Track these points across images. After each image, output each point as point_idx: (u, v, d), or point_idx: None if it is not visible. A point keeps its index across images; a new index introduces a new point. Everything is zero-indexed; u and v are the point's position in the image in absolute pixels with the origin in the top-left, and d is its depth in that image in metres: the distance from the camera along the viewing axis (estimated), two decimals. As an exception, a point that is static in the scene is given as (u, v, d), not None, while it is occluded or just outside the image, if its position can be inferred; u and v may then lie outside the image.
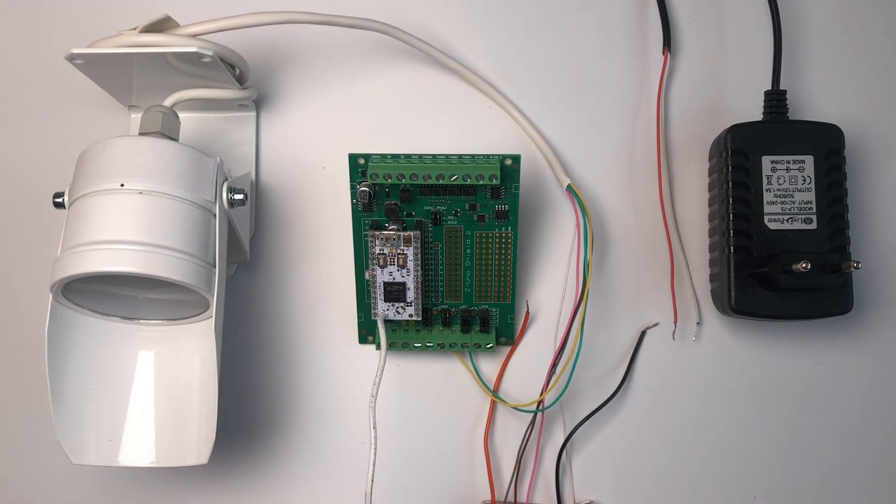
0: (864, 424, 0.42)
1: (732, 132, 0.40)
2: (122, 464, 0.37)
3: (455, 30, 0.45)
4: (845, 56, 0.44)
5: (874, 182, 0.43)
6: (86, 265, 0.33)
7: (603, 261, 0.42)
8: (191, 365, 0.38)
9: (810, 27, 0.44)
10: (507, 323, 0.42)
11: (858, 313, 0.42)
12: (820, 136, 0.40)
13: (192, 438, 0.37)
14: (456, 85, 0.44)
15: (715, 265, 0.41)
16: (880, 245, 0.42)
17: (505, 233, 0.39)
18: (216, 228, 0.36)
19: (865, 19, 0.44)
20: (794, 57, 0.44)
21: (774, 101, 0.41)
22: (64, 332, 0.36)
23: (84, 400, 0.37)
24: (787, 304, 0.39)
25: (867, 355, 0.42)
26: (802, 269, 0.37)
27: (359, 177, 0.38)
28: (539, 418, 0.41)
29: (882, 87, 0.44)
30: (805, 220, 0.39)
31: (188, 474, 0.42)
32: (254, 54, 0.43)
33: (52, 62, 0.42)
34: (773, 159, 0.39)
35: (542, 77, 0.44)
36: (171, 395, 0.38)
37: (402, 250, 0.39)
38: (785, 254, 0.38)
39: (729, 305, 0.39)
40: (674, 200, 0.43)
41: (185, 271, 0.34)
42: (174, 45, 0.36)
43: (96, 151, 0.35)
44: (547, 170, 0.43)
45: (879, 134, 0.43)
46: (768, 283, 0.39)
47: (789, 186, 0.39)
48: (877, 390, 0.42)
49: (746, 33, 0.44)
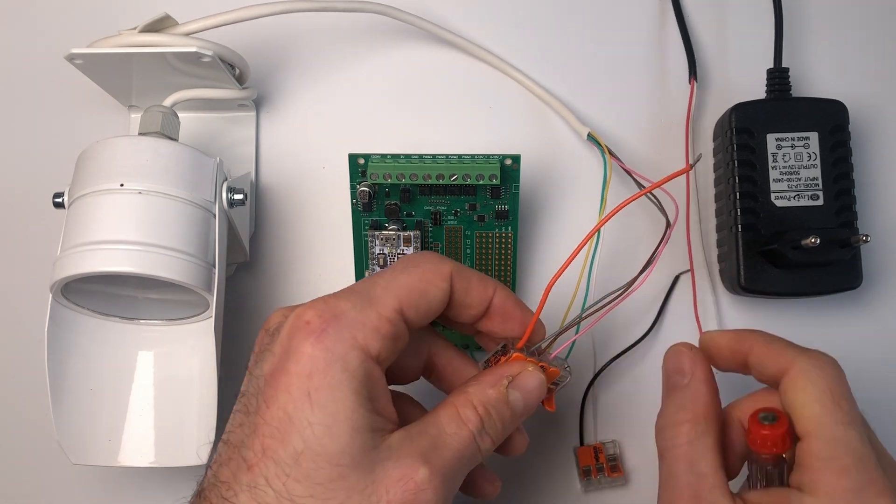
0: (875, 398, 0.41)
1: (736, 111, 0.40)
2: (121, 464, 0.37)
3: (453, 7, 0.45)
4: (847, 32, 0.44)
5: (880, 156, 0.43)
6: (86, 265, 0.33)
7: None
8: (191, 365, 0.38)
9: (811, 3, 0.44)
10: (507, 323, 0.41)
11: (868, 288, 0.41)
12: (824, 112, 0.40)
13: (192, 438, 0.37)
14: (456, 59, 0.44)
15: (723, 244, 0.41)
16: (888, 219, 0.42)
17: (505, 233, 0.39)
18: (216, 228, 0.36)
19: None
20: (795, 34, 0.44)
21: (777, 79, 0.41)
22: (64, 332, 0.36)
23: (84, 400, 0.37)
24: (796, 281, 0.39)
25: (878, 329, 0.42)
26: (812, 244, 0.37)
27: (359, 177, 0.38)
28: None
29: (884, 62, 0.44)
30: (812, 197, 0.39)
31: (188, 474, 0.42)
32: (253, 54, 0.43)
33: (52, 62, 0.42)
34: (778, 137, 0.39)
35: (550, 45, 0.44)
36: (171, 395, 0.38)
37: (402, 250, 0.39)
38: (793, 230, 0.38)
39: (738, 284, 0.39)
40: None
41: (185, 271, 0.34)
42: (174, 45, 0.36)
43: (96, 151, 0.35)
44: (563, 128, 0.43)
45: (883, 108, 0.43)
46: (777, 260, 0.39)
47: (795, 163, 0.39)
48: (889, 363, 0.42)
49: (747, 11, 0.44)
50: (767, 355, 0.31)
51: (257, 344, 0.30)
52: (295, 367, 0.27)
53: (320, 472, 0.26)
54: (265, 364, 0.28)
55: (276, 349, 0.28)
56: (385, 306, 0.29)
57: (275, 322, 0.30)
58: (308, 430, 0.26)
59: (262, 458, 0.27)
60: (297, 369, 0.27)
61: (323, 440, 0.26)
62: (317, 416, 0.26)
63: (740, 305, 0.42)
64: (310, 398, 0.27)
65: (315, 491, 0.26)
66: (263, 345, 0.29)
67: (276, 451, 0.26)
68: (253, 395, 0.28)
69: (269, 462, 0.26)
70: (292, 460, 0.26)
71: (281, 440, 0.26)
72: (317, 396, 0.27)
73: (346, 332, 0.28)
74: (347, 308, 0.28)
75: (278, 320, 0.29)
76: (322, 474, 0.26)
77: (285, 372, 0.27)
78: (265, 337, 0.30)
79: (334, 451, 0.26)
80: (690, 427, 0.30)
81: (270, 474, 0.26)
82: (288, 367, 0.27)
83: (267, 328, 0.30)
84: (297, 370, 0.27)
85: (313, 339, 0.27)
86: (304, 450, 0.26)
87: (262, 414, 0.27)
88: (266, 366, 0.28)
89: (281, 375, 0.27)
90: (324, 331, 0.27)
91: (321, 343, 0.27)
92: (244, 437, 0.27)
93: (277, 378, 0.27)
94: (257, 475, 0.26)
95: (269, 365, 0.28)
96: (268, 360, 0.28)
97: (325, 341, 0.27)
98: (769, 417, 0.29)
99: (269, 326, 0.30)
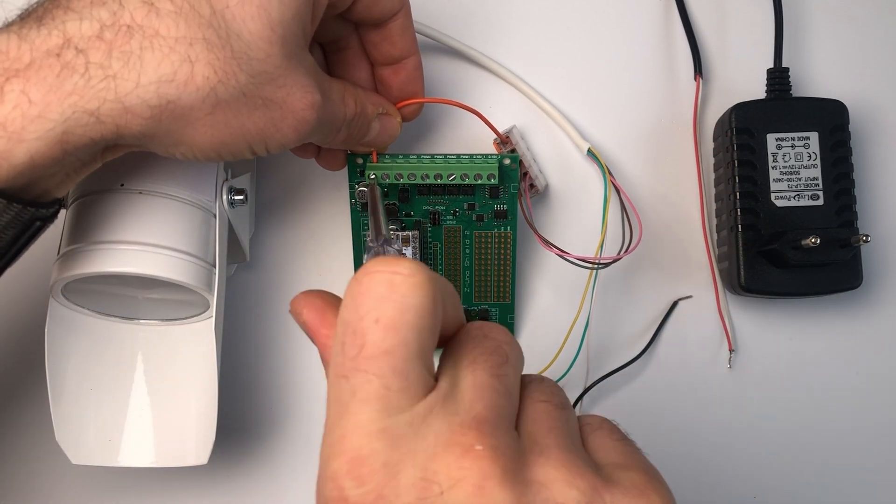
0: (875, 398, 0.42)
1: (737, 111, 0.40)
2: (121, 464, 0.37)
3: (456, 13, 0.44)
4: (847, 32, 0.44)
5: (880, 156, 0.43)
6: (86, 265, 0.33)
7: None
8: (191, 365, 0.38)
9: (811, 3, 0.44)
10: (507, 323, 0.42)
11: (868, 288, 0.41)
12: (824, 112, 0.40)
13: (192, 438, 0.37)
14: (458, 66, 0.44)
15: (723, 245, 0.41)
16: (888, 219, 0.42)
17: (504, 232, 0.39)
18: (216, 228, 0.36)
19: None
20: (795, 34, 0.44)
21: (777, 79, 0.41)
22: (64, 332, 0.36)
23: (84, 400, 0.37)
24: (796, 280, 0.39)
25: (878, 329, 0.42)
26: (812, 244, 0.37)
27: (358, 177, 0.38)
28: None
29: (884, 62, 0.44)
30: (812, 197, 0.39)
31: (188, 474, 0.42)
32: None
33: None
34: (778, 137, 0.39)
35: (546, 51, 0.44)
36: (171, 396, 0.38)
37: (401, 250, 0.39)
38: (793, 230, 0.38)
39: (739, 284, 0.39)
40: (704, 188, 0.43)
41: (185, 271, 0.34)
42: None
43: (96, 152, 0.35)
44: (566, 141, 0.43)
45: (883, 108, 0.43)
46: (777, 260, 0.39)
47: (795, 163, 0.39)
48: (889, 364, 0.42)
49: (747, 11, 0.44)
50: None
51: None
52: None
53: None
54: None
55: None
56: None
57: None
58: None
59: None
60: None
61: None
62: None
63: (740, 305, 0.42)
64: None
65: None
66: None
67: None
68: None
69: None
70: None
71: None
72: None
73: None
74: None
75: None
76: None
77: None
78: None
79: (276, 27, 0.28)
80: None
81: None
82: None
83: None
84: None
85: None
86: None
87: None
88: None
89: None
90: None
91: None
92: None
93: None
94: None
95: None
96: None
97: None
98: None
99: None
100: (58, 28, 0.25)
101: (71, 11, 0.26)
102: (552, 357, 0.40)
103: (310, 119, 0.30)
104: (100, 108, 0.25)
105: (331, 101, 0.32)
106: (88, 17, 0.26)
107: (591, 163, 0.43)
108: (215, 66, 0.26)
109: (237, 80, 0.27)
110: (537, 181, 0.41)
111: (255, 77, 0.27)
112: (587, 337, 0.40)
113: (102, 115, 0.26)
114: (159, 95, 0.26)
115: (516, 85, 0.43)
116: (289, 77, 0.29)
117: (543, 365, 0.40)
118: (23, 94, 0.25)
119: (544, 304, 0.42)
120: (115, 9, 0.26)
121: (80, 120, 0.25)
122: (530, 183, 0.40)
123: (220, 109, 0.27)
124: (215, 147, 0.29)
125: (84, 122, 0.26)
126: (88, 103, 0.25)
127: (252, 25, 0.27)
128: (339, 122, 0.33)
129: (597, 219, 0.42)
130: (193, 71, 0.26)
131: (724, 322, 0.41)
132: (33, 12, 0.26)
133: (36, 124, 0.25)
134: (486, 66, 0.43)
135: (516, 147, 0.40)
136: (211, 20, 0.26)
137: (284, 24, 0.28)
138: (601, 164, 0.41)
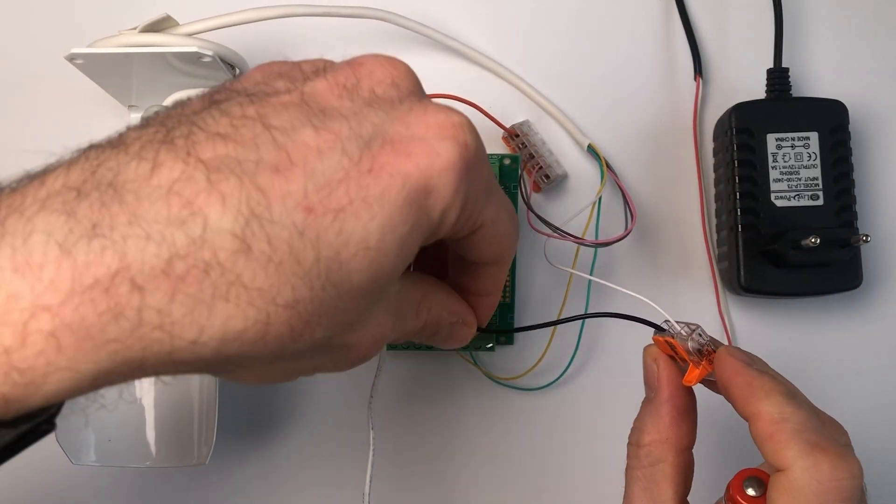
0: (876, 399, 0.42)
1: (736, 111, 0.40)
2: (121, 464, 0.37)
3: (456, 12, 0.45)
4: (847, 32, 0.44)
5: (880, 156, 0.43)
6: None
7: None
8: (191, 365, 0.38)
9: (811, 3, 0.44)
10: (507, 323, 0.41)
11: (868, 288, 0.41)
12: (824, 112, 0.40)
13: (192, 439, 0.37)
14: (459, 65, 0.44)
15: (723, 244, 0.41)
16: (888, 219, 0.42)
17: (505, 233, 0.39)
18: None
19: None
20: (795, 34, 0.44)
21: (777, 79, 0.41)
22: (64, 332, 0.36)
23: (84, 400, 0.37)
24: (796, 281, 0.39)
25: (878, 329, 0.42)
26: (812, 244, 0.37)
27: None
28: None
29: (884, 62, 0.44)
30: (812, 197, 0.39)
31: (188, 474, 0.42)
32: (254, 55, 0.43)
33: (52, 62, 0.42)
34: (778, 137, 0.39)
35: (546, 51, 0.44)
36: (171, 395, 0.38)
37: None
38: (793, 230, 0.38)
39: (739, 284, 0.39)
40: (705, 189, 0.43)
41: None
42: (174, 45, 0.36)
43: (96, 151, 0.35)
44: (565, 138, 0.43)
45: (883, 108, 0.43)
46: (777, 260, 0.39)
47: (795, 163, 0.39)
48: (889, 364, 0.42)
49: (747, 11, 0.44)
50: (770, 438, 0.26)
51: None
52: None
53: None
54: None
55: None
56: None
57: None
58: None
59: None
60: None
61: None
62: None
63: (740, 305, 0.42)
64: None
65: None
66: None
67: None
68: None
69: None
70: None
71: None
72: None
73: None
74: None
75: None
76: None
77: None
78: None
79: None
80: (649, 450, 0.29)
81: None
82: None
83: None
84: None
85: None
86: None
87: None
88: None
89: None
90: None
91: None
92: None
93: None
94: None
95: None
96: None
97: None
98: (755, 485, 0.27)
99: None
100: (115, 247, 0.19)
101: (136, 225, 0.19)
102: (541, 354, 0.40)
103: (372, 355, 0.26)
104: (144, 361, 0.20)
105: (402, 318, 0.27)
106: (159, 238, 0.19)
107: (592, 162, 0.43)
108: (293, 325, 0.21)
109: (312, 336, 0.22)
110: (551, 171, 0.41)
111: (331, 330, 0.22)
112: (583, 337, 0.40)
113: (147, 366, 0.21)
114: (218, 352, 0.20)
115: (517, 84, 0.43)
116: (368, 321, 0.24)
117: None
118: (52, 337, 0.19)
119: (544, 304, 0.42)
120: (195, 234, 0.19)
121: (117, 369, 0.20)
122: (545, 174, 0.41)
123: (280, 361, 0.23)
124: (262, 382, 0.25)
125: (120, 371, 0.20)
126: (132, 353, 0.20)
127: (357, 278, 0.22)
128: (406, 334, 0.28)
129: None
130: (267, 331, 0.20)
131: (724, 322, 0.41)
132: (85, 196, 0.20)
133: (61, 374, 0.19)
134: (486, 66, 0.43)
135: (527, 140, 0.40)
136: (310, 270, 0.21)
137: (392, 277, 0.23)
138: (599, 158, 0.41)
